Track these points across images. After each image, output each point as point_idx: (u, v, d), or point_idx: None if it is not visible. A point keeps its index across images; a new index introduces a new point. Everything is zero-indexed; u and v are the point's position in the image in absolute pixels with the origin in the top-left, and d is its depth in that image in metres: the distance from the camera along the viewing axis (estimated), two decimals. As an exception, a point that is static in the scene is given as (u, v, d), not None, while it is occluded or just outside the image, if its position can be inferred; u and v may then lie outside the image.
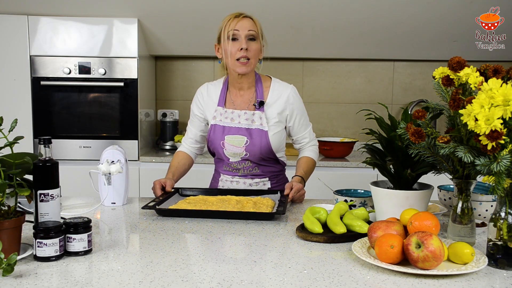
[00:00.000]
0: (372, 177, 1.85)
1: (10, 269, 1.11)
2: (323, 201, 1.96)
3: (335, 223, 1.44)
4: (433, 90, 1.38)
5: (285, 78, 3.64)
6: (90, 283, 1.10)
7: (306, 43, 3.39)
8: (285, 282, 1.12)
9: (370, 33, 3.27)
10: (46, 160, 1.34)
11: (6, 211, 1.23)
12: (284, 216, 1.71)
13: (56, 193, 1.34)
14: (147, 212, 1.75)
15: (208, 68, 3.68)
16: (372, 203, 1.66)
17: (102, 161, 1.83)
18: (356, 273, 1.17)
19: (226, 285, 1.10)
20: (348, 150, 3.27)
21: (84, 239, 1.27)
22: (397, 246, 1.17)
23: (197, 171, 2.56)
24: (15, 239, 1.22)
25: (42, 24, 3.06)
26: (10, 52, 3.06)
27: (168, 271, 1.17)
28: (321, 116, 3.68)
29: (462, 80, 1.26)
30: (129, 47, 3.09)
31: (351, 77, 3.67)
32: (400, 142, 1.41)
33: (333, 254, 1.31)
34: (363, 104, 3.60)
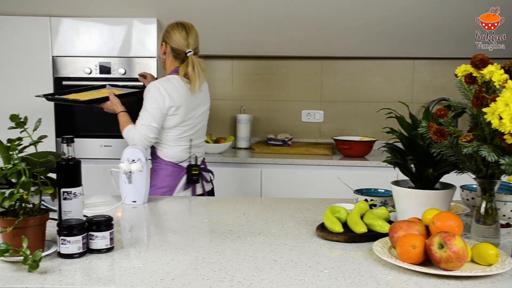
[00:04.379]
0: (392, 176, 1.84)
1: (35, 265, 1.13)
2: (343, 200, 1.95)
3: (356, 223, 1.43)
4: (454, 88, 1.36)
5: (303, 77, 3.67)
6: (113, 280, 1.12)
7: (325, 42, 3.37)
8: (305, 281, 1.11)
9: (390, 31, 3.24)
10: (69, 158, 1.36)
11: (31, 209, 1.25)
12: (304, 215, 1.70)
13: (78, 191, 1.36)
14: (168, 211, 1.77)
15: (226, 68, 3.68)
16: (392, 203, 1.65)
17: (123, 160, 1.84)
18: (378, 273, 1.16)
19: (246, 284, 1.10)
20: (367, 149, 3.25)
21: (106, 237, 1.29)
22: (419, 246, 1.16)
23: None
24: (40, 236, 1.24)
25: (64, 25, 3.10)
26: (33, 52, 3.11)
27: (189, 269, 1.18)
28: (340, 115, 3.66)
29: (486, 78, 1.24)
30: (148, 47, 3.11)
31: (370, 76, 3.64)
32: (422, 141, 1.40)
33: (353, 254, 1.30)
34: (382, 103, 3.57)
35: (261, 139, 3.67)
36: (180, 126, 2.27)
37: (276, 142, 3.40)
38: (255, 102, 3.68)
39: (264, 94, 3.67)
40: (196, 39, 2.33)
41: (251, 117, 3.59)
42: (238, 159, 3.14)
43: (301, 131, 3.67)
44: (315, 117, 3.65)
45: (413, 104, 3.56)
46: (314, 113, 3.65)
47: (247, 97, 3.67)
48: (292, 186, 3.09)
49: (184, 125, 2.28)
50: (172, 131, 2.27)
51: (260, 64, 3.66)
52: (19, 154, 1.26)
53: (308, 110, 3.66)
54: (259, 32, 3.26)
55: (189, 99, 2.26)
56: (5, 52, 3.09)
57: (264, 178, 3.12)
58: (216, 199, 1.94)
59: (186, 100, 2.25)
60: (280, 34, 3.28)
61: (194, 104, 2.30)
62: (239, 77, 3.68)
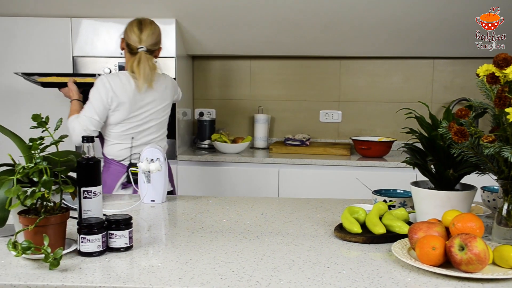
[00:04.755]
0: (411, 177, 1.82)
1: (56, 263, 1.15)
2: (362, 201, 1.94)
3: (374, 224, 1.42)
4: (475, 88, 1.34)
5: (321, 76, 3.66)
6: (132, 279, 1.13)
7: (343, 41, 3.36)
8: (324, 282, 1.11)
9: (409, 31, 3.21)
10: (89, 158, 1.38)
11: (52, 207, 1.27)
12: (322, 215, 1.69)
13: (98, 190, 1.38)
14: (186, 210, 1.77)
15: (245, 67, 3.69)
16: (412, 204, 1.63)
17: (142, 159, 1.86)
18: (397, 275, 1.15)
19: (264, 283, 1.10)
20: (386, 150, 3.22)
21: (125, 236, 1.30)
22: (439, 248, 1.14)
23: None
24: (60, 234, 1.26)
25: (84, 26, 3.14)
26: (54, 53, 3.15)
27: (207, 268, 1.18)
28: (358, 115, 3.64)
29: (509, 78, 1.22)
30: (167, 47, 3.13)
31: (389, 76, 3.61)
32: (442, 142, 1.38)
33: (372, 255, 1.29)
34: (401, 103, 3.54)
35: (279, 139, 3.67)
36: (123, 123, 2.22)
37: (294, 142, 3.39)
38: (273, 102, 3.68)
39: (282, 94, 3.67)
40: (152, 37, 2.25)
41: (269, 117, 3.59)
42: (256, 159, 3.14)
43: (319, 131, 3.66)
44: (333, 117, 3.64)
45: (432, 104, 3.52)
46: (332, 113, 3.64)
47: (265, 97, 3.68)
48: (309, 187, 3.09)
49: (127, 123, 2.23)
50: (115, 128, 2.23)
51: (279, 64, 3.65)
52: (41, 153, 1.27)
53: (326, 110, 3.65)
54: (278, 32, 3.26)
55: (136, 96, 2.21)
56: (28, 53, 3.14)
57: (282, 178, 3.12)
58: (233, 199, 1.94)
59: (132, 97, 2.20)
60: (299, 34, 3.28)
61: (143, 101, 2.24)
62: (257, 77, 3.68)
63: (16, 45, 3.14)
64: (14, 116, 3.11)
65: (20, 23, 3.13)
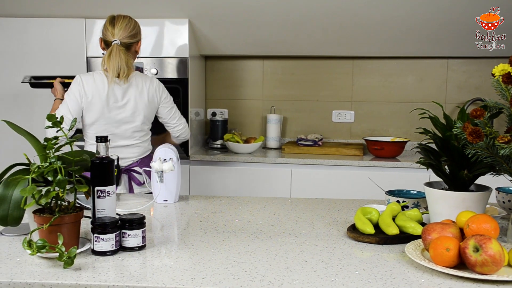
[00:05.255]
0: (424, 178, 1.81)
1: (70, 262, 1.16)
2: (374, 201, 1.93)
3: (388, 224, 1.41)
4: (489, 88, 1.33)
5: (334, 76, 3.64)
6: (145, 278, 1.13)
7: (356, 41, 3.34)
8: (336, 282, 1.11)
9: (422, 30, 3.18)
10: (102, 158, 1.39)
11: (66, 207, 1.28)
12: (335, 216, 1.69)
13: (112, 190, 1.39)
14: (198, 210, 1.78)
15: (257, 68, 3.69)
16: (425, 204, 1.62)
17: (155, 159, 1.87)
18: (410, 276, 1.15)
19: (277, 284, 1.10)
20: (399, 150, 3.20)
21: (138, 235, 1.31)
22: (453, 249, 1.13)
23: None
24: (75, 233, 1.27)
25: (98, 26, 3.16)
26: (68, 53, 3.18)
27: (219, 268, 1.19)
28: (371, 115, 3.62)
29: (524, 78, 1.21)
30: (180, 47, 3.14)
31: (403, 76, 3.58)
32: (457, 142, 1.37)
33: (385, 256, 1.29)
34: (414, 103, 3.51)
35: (291, 139, 3.66)
36: (97, 124, 2.19)
37: (306, 142, 3.38)
38: (286, 102, 3.67)
39: (294, 94, 3.66)
40: (126, 29, 2.22)
41: (282, 117, 3.59)
42: (268, 159, 3.14)
43: (331, 132, 3.65)
44: (346, 117, 3.62)
45: (446, 104, 3.49)
46: (345, 113, 3.62)
47: (277, 97, 3.67)
48: (322, 187, 3.08)
49: (101, 124, 2.19)
50: (90, 128, 2.21)
51: (291, 64, 3.65)
52: (55, 153, 1.29)
53: (339, 110, 3.63)
54: (290, 32, 3.26)
55: (109, 97, 2.17)
56: (42, 53, 3.17)
57: (294, 178, 3.12)
58: (246, 199, 1.94)
59: (104, 97, 2.16)
60: (311, 34, 3.27)
61: (118, 103, 2.19)
62: (269, 77, 3.68)
63: (31, 46, 3.17)
64: (28, 116, 3.15)
65: (34, 24, 3.16)
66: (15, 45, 3.17)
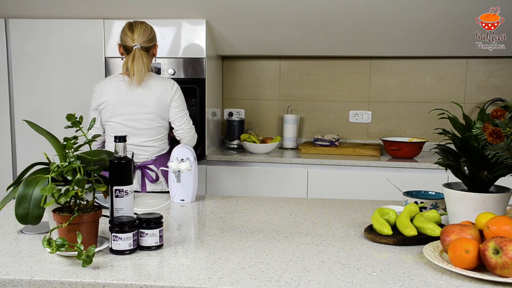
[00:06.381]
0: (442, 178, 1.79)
1: (89, 260, 1.17)
2: (392, 202, 1.91)
3: (405, 225, 1.40)
4: (510, 88, 1.31)
5: (352, 76, 3.63)
6: (162, 277, 1.14)
7: (373, 41, 3.32)
8: (354, 283, 1.10)
9: (440, 29, 3.15)
10: (121, 157, 1.40)
11: (85, 206, 1.29)
12: (352, 217, 1.68)
13: (130, 189, 1.40)
14: (215, 210, 1.79)
15: (274, 68, 3.69)
16: (444, 206, 1.60)
17: (172, 159, 1.88)
18: (428, 278, 1.13)
19: (294, 284, 1.10)
20: (417, 151, 3.17)
21: (156, 234, 1.32)
22: (472, 251, 1.12)
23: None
24: (93, 232, 1.28)
25: (116, 27, 3.19)
26: (87, 54, 3.22)
27: (236, 268, 1.19)
28: (389, 116, 3.59)
29: (546, 77, 1.19)
30: (198, 47, 3.16)
31: (421, 76, 3.55)
32: (476, 143, 1.35)
33: (403, 257, 1.28)
34: (433, 103, 3.48)
35: (308, 139, 3.65)
36: (110, 122, 2.30)
37: (323, 142, 3.37)
38: (302, 102, 3.66)
39: (311, 94, 3.65)
40: (144, 34, 2.32)
41: (298, 117, 3.58)
42: (285, 160, 3.14)
43: (348, 132, 3.63)
44: (363, 118, 3.60)
45: (465, 105, 3.45)
46: (362, 114, 3.60)
47: (294, 97, 3.67)
48: (339, 187, 3.06)
49: (113, 122, 2.30)
50: (106, 126, 2.33)
51: (308, 64, 3.64)
52: (75, 153, 1.30)
53: (356, 111, 3.61)
54: (307, 32, 3.25)
55: (124, 96, 2.28)
56: (61, 54, 3.21)
57: (311, 178, 3.11)
58: (263, 199, 1.94)
59: (120, 96, 2.28)
60: (328, 34, 3.26)
61: (134, 102, 2.29)
62: (286, 77, 3.67)
63: (50, 47, 3.21)
64: (48, 116, 3.19)
65: (53, 25, 3.20)
66: (36, 46, 3.22)
